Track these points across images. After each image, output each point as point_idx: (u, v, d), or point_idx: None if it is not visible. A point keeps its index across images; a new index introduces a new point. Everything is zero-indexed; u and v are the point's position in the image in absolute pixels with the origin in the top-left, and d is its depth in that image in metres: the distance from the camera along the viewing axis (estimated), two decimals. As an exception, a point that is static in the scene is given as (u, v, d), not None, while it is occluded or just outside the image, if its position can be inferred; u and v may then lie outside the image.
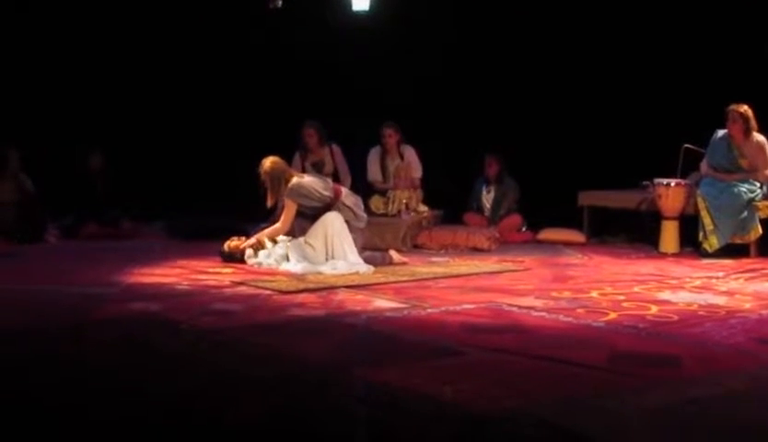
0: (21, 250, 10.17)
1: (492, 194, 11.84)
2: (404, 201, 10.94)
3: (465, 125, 12.13)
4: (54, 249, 10.65)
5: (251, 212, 10.23)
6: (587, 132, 11.77)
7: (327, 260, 8.92)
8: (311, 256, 8.95)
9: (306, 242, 9.05)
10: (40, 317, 6.61)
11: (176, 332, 6.16)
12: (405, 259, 9.54)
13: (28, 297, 7.36)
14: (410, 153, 11.34)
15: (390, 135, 11.29)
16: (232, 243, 9.36)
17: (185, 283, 8.11)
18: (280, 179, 9.27)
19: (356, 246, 9.13)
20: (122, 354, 5.64)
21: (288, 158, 10.18)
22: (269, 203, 9.40)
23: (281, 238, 9.21)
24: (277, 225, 9.28)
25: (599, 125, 11.76)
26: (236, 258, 9.23)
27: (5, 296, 7.44)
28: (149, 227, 11.90)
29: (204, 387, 4.88)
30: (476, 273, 8.78)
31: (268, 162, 9.34)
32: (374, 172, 11.38)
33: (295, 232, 9.27)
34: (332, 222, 9.10)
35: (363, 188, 10.88)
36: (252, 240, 9.26)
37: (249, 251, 9.18)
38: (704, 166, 10.26)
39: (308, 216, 9.30)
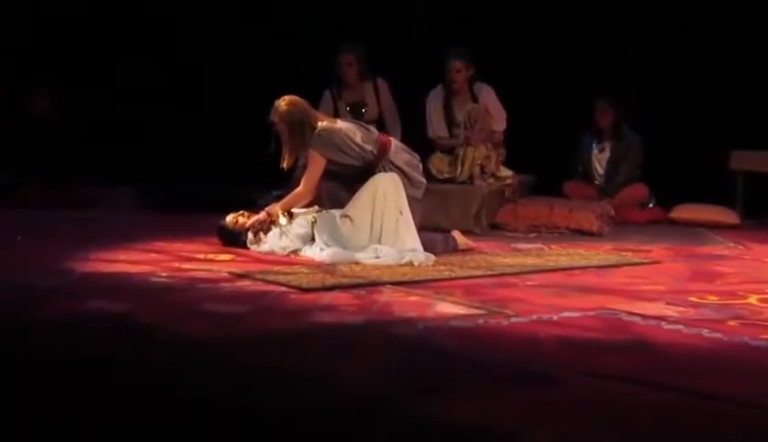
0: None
1: (605, 154, 11.84)
2: (479, 162, 10.87)
3: (566, 59, 12.04)
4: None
5: (259, 177, 10.24)
6: (742, 69, 11.65)
7: (370, 242, 8.85)
8: (347, 235, 8.89)
9: (343, 216, 8.98)
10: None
11: (149, 345, 6.12)
12: (474, 244, 9.50)
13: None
14: (487, 94, 11.26)
15: (459, 70, 11.20)
16: (238, 219, 9.35)
17: (163, 273, 8.15)
18: (302, 124, 9.22)
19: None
20: (69, 374, 5.58)
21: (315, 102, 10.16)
22: (285, 164, 9.33)
23: (300, 211, 9.17)
24: (298, 188, 9.22)
25: (760, 59, 11.64)
26: (240, 240, 9.22)
27: None
28: (115, 193, 11.95)
29: (189, 426, 4.81)
30: (582, 267, 8.78)
31: (284, 103, 9.30)
32: (437, 124, 11.33)
33: (323, 202, 9.23)
34: (386, 188, 8.99)
35: (418, 145, 10.70)
36: (262, 215, 9.23)
37: (250, 235, 9.17)
38: None
39: (341, 180, 9.27)
